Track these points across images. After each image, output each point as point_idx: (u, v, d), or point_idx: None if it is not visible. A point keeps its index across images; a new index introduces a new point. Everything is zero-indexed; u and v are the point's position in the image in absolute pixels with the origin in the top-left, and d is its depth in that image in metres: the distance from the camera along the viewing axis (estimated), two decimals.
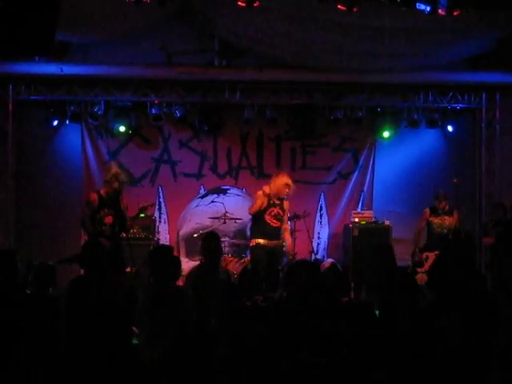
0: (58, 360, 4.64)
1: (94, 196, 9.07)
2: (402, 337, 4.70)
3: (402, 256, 11.89)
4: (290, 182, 10.27)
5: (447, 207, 10.99)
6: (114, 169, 9.18)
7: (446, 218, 11.01)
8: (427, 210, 11.10)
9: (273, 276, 10.21)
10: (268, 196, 10.10)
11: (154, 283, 6.25)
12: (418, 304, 5.14)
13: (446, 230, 10.99)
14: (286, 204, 10.34)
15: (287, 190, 10.26)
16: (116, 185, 8.97)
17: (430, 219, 11.03)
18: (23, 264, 7.57)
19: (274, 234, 10.26)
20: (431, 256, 10.64)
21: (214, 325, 5.15)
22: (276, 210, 10.21)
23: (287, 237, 10.56)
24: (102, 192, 9.12)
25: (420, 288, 6.08)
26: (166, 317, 5.89)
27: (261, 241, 10.05)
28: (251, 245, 10.13)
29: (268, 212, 10.15)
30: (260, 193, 10.20)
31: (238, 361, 4.47)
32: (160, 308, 6.01)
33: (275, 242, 10.24)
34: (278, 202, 10.23)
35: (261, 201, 10.15)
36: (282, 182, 10.20)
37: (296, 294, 5.40)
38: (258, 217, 10.20)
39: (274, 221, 10.20)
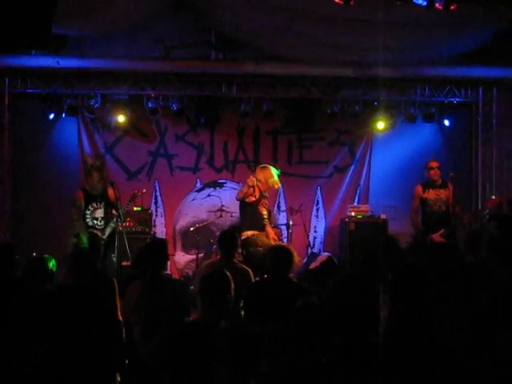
0: (52, 353, 4.65)
1: (80, 194, 9.09)
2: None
3: None
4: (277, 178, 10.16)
5: (441, 180, 10.56)
6: (90, 161, 9.20)
7: (442, 191, 10.52)
8: (419, 187, 10.69)
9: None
10: (253, 187, 9.96)
11: (150, 275, 6.27)
12: None
13: (444, 208, 10.48)
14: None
15: (277, 186, 10.21)
16: (96, 176, 8.96)
17: (425, 196, 10.59)
18: (23, 258, 7.55)
19: (264, 224, 10.18)
20: (436, 237, 10.21)
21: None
22: (266, 201, 10.15)
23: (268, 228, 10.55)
24: (87, 187, 9.09)
25: None
26: (162, 309, 5.91)
27: (254, 232, 9.90)
28: (244, 237, 9.78)
29: (261, 203, 10.05)
30: (250, 182, 9.97)
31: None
32: (156, 300, 6.03)
33: (264, 232, 10.13)
34: (266, 194, 10.19)
35: (247, 188, 9.96)
36: (273, 183, 10.07)
37: None
38: (252, 207, 10.00)
39: (265, 212, 10.12)
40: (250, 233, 9.83)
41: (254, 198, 9.90)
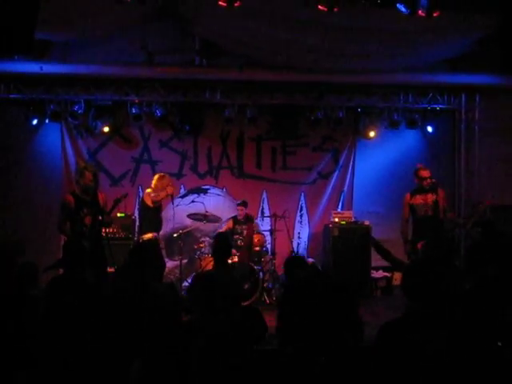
0: (37, 359, 4.63)
1: (70, 198, 8.84)
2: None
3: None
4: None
5: (430, 183, 9.80)
6: (82, 164, 9.18)
7: (429, 195, 9.81)
8: (407, 194, 9.94)
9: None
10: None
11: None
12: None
13: (430, 212, 9.76)
14: None
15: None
16: (89, 175, 8.83)
17: (411, 202, 9.83)
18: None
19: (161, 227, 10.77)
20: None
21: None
22: None
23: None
24: (78, 192, 8.91)
25: None
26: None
27: (153, 234, 10.20)
28: (146, 239, 10.16)
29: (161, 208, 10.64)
30: (169, 191, 10.42)
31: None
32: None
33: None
34: None
35: (165, 195, 10.43)
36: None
37: None
38: (157, 212, 10.48)
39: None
40: (149, 235, 9.92)
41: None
